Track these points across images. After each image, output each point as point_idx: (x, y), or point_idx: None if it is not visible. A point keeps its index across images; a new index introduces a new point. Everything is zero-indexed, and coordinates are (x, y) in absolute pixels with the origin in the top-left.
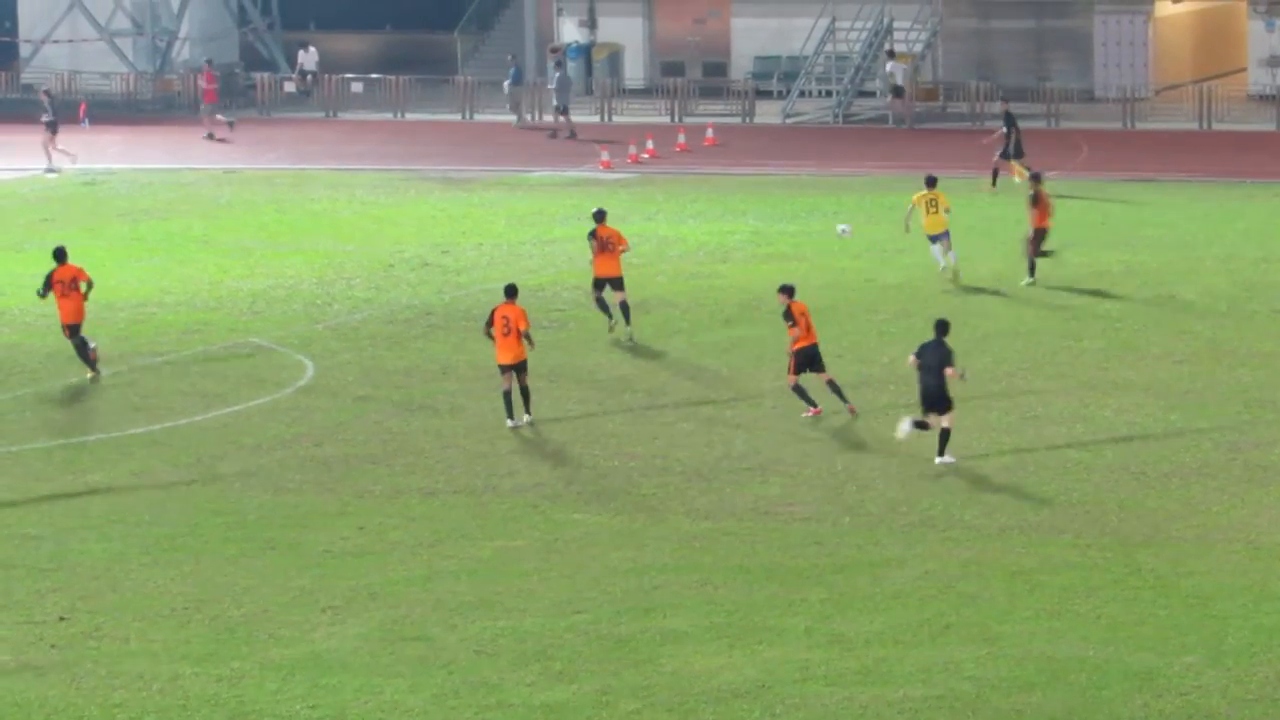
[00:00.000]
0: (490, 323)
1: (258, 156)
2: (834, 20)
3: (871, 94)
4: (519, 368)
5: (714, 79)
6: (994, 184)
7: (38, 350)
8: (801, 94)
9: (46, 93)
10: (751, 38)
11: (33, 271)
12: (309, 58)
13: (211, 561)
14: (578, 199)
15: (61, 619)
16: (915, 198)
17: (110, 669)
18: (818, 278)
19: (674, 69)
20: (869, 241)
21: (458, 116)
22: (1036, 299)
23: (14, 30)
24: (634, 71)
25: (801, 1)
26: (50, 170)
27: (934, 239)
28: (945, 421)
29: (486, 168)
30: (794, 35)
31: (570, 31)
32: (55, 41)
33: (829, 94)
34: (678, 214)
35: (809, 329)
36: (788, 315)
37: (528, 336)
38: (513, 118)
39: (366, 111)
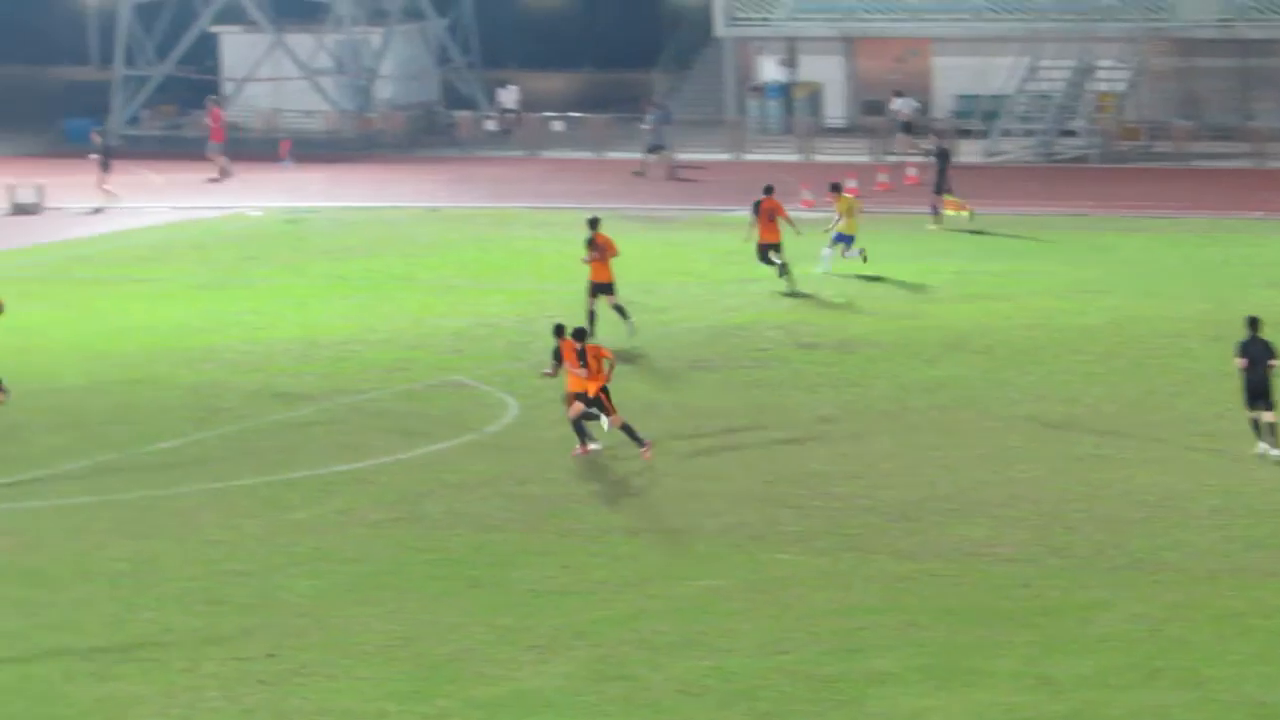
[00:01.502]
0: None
1: (459, 194)
2: (1035, 59)
3: (1073, 133)
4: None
5: (915, 118)
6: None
7: (243, 388)
8: (1003, 133)
9: (98, 132)
10: (952, 76)
11: (238, 309)
12: (509, 96)
13: (416, 599)
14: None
15: (269, 656)
16: None
17: (318, 706)
18: (1022, 318)
19: (874, 108)
20: (1073, 282)
21: (654, 156)
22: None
23: (217, 69)
24: (834, 110)
25: (1002, 40)
26: (98, 210)
27: None
28: (1269, 416)
29: (687, 206)
30: (994, 74)
31: (770, 70)
32: (258, 80)
33: (1030, 133)
34: (881, 253)
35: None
36: (556, 354)
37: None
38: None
39: (566, 150)
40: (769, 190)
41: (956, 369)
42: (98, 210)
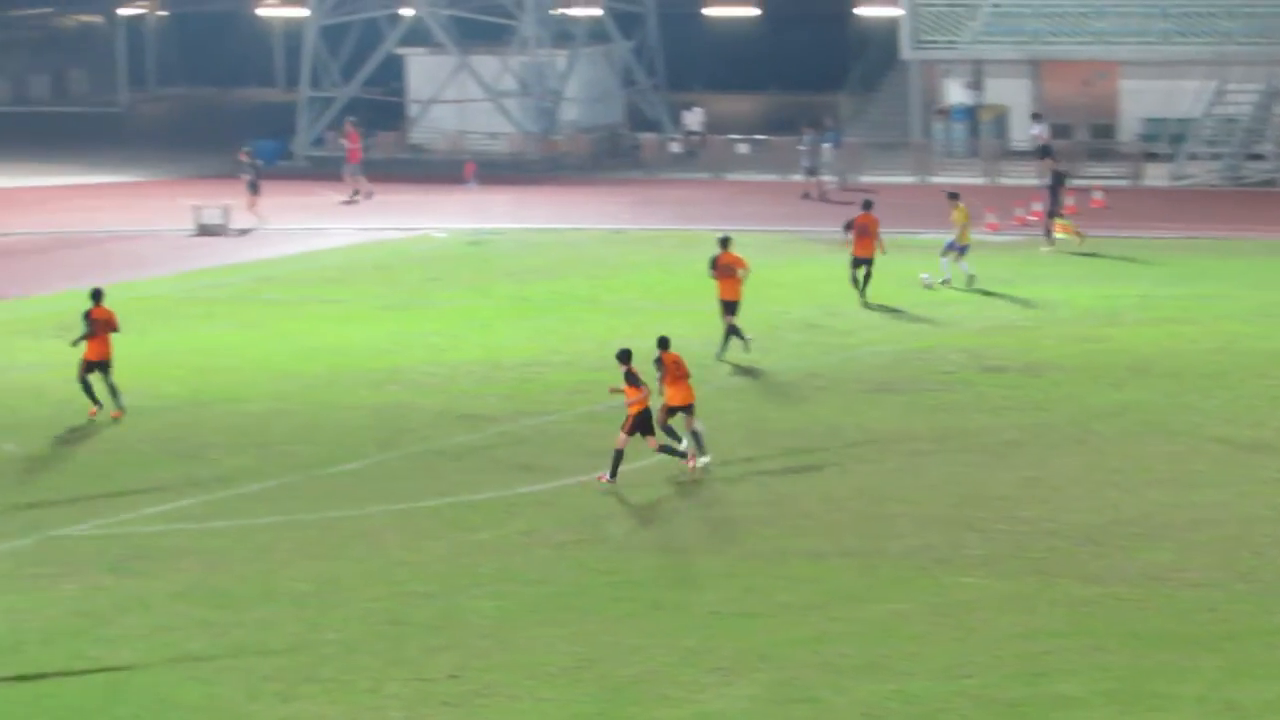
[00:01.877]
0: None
1: (643, 217)
2: (1223, 83)
3: (1260, 157)
4: (689, 409)
5: (1102, 141)
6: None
7: (427, 409)
8: (1190, 156)
9: (247, 153)
10: (1139, 100)
11: (422, 330)
12: (694, 118)
13: (599, 621)
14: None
15: (452, 677)
16: None
17: None
18: (1208, 341)
19: (1061, 130)
20: (1259, 305)
21: (833, 178)
22: None
23: (402, 91)
24: (1020, 133)
25: (1190, 64)
26: (243, 231)
27: None
28: None
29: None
30: (1182, 97)
31: (956, 93)
32: (443, 102)
33: (1218, 157)
34: (1065, 277)
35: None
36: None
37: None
38: (832, 178)
39: (751, 172)
40: (868, 205)
41: (1141, 393)
42: (244, 232)
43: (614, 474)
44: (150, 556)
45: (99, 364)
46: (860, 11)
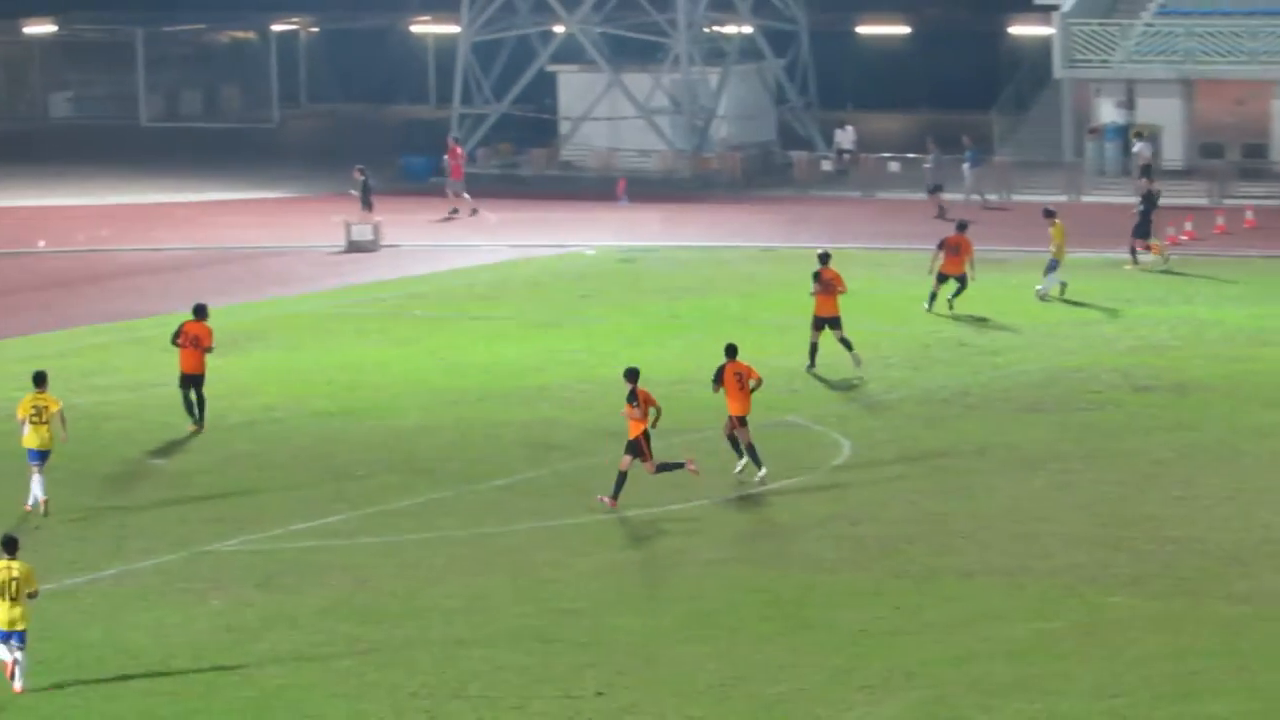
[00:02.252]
0: (720, 379)
1: (794, 235)
2: None
3: None
4: (743, 421)
5: (1254, 160)
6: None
7: (576, 425)
8: None
9: (360, 170)
10: None
11: (572, 347)
12: (846, 136)
13: (747, 639)
14: (1113, 282)
15: (599, 694)
16: None
17: None
18: None
19: (1213, 150)
20: None
21: (995, 196)
22: None
23: (554, 108)
24: (1172, 152)
25: None
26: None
27: None
28: None
29: (1024, 248)
30: None
31: (1108, 112)
32: (594, 119)
33: None
34: (1216, 297)
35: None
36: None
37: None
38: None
39: (903, 191)
40: (962, 226)
41: None
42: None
43: (682, 464)
44: (298, 572)
45: (188, 377)
46: (1013, 30)
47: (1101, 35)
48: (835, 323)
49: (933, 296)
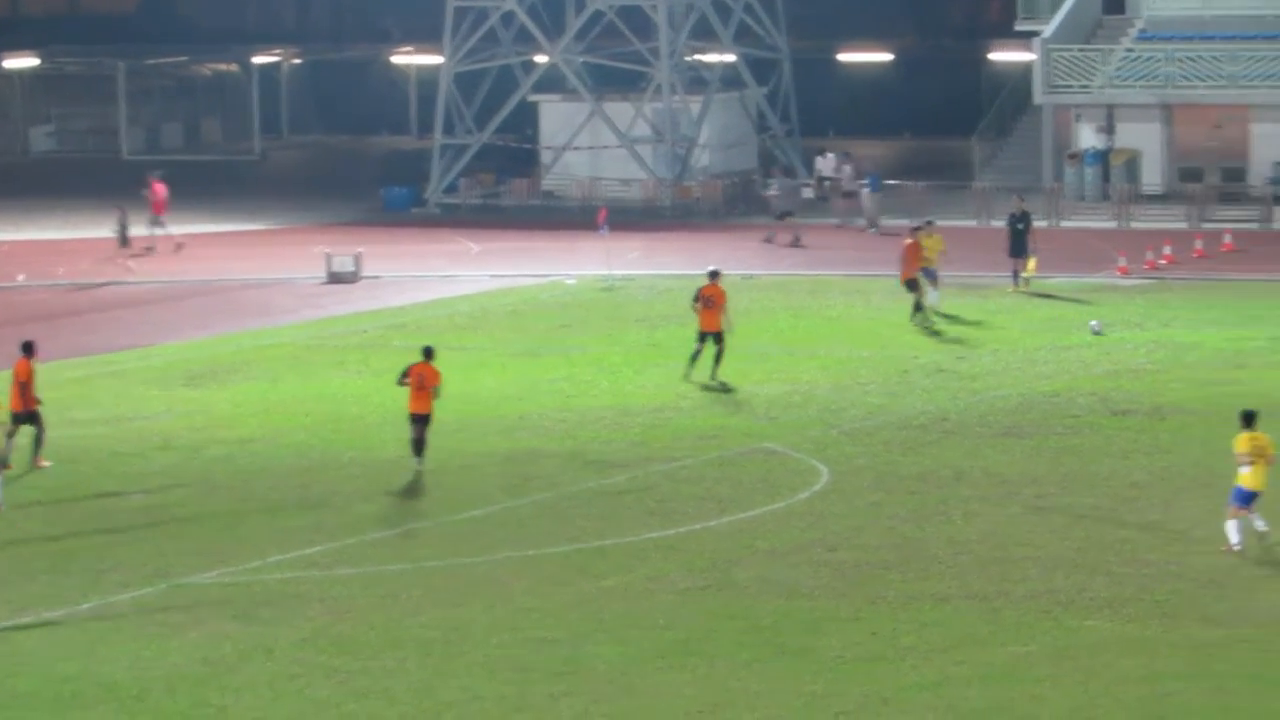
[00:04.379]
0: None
1: (774, 263)
2: None
3: None
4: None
5: (1232, 184)
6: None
7: (556, 455)
8: None
9: (119, 208)
10: (1271, 143)
11: (552, 377)
12: (827, 164)
13: (725, 666)
14: (1094, 306)
15: None
16: None
17: None
18: None
19: (1192, 174)
20: None
21: (974, 222)
22: None
23: (536, 138)
24: (1151, 177)
25: None
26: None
27: None
28: None
29: (1002, 274)
30: None
31: (1088, 137)
32: (576, 149)
33: None
34: (1194, 320)
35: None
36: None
37: None
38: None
39: (884, 217)
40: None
41: (1269, 435)
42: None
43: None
44: (275, 604)
45: (15, 415)
46: (994, 56)
47: (1082, 61)
48: (718, 338)
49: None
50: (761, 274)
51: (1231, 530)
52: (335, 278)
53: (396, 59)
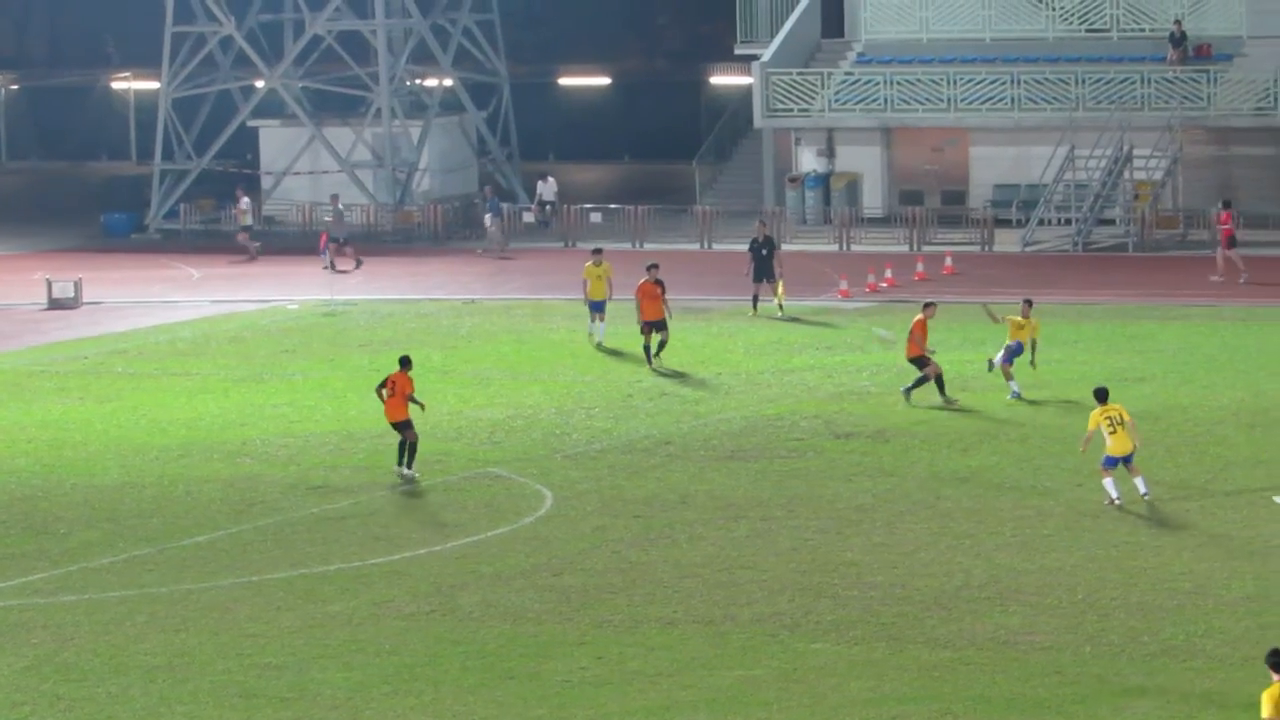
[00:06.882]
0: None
1: (497, 287)
2: (1073, 148)
3: (1111, 222)
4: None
5: (953, 207)
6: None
7: (279, 481)
8: (1041, 222)
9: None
10: (990, 166)
11: (275, 402)
12: (548, 188)
13: (451, 691)
14: (816, 329)
15: None
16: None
17: None
18: (1057, 406)
19: (913, 197)
20: (1109, 370)
21: (696, 246)
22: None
23: (256, 163)
24: (872, 200)
25: (1040, 130)
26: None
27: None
28: None
29: (724, 297)
30: (1032, 163)
31: (809, 160)
32: (296, 173)
33: (1068, 222)
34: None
35: None
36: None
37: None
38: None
39: (605, 241)
40: (653, 266)
41: (991, 458)
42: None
43: None
44: None
45: None
46: (714, 80)
47: (801, 84)
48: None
49: (645, 349)
50: (484, 298)
51: (1109, 486)
52: (56, 304)
53: (116, 84)
